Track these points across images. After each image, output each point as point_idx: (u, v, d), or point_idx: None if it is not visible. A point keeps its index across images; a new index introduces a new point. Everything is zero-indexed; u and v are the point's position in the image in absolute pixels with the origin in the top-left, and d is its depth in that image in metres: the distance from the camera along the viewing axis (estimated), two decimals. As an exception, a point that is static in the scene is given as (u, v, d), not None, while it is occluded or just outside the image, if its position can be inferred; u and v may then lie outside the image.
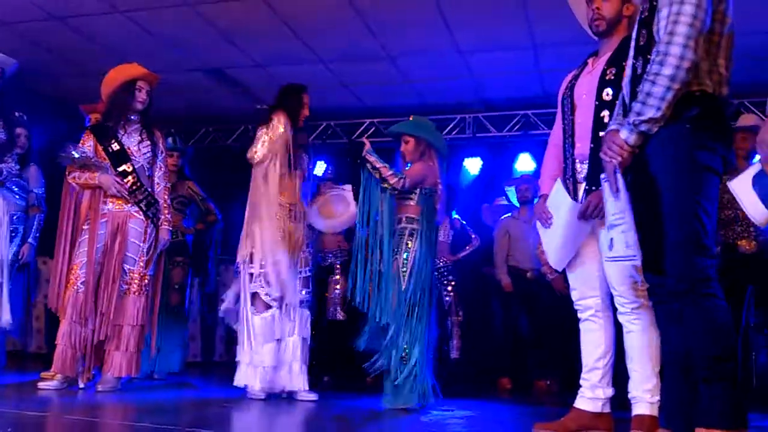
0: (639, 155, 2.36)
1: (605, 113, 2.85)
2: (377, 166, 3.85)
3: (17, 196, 4.68)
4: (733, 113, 5.47)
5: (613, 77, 2.87)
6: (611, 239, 2.60)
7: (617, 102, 2.66)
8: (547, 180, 3.20)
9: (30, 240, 4.86)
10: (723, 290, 2.24)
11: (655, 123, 2.26)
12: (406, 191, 3.92)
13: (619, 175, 2.44)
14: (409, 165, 4.06)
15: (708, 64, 2.27)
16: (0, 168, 3.87)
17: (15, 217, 4.64)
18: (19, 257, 4.75)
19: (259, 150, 4.02)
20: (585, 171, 2.94)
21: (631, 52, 2.47)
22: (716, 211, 2.30)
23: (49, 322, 6.54)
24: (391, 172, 3.85)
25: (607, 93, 2.87)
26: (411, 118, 4.25)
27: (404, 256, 3.85)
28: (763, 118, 2.53)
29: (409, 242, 3.87)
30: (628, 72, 2.49)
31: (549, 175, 3.20)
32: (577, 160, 3.00)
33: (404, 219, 3.93)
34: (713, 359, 2.16)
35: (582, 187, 2.96)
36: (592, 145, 2.88)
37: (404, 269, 3.82)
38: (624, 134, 2.33)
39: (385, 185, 3.85)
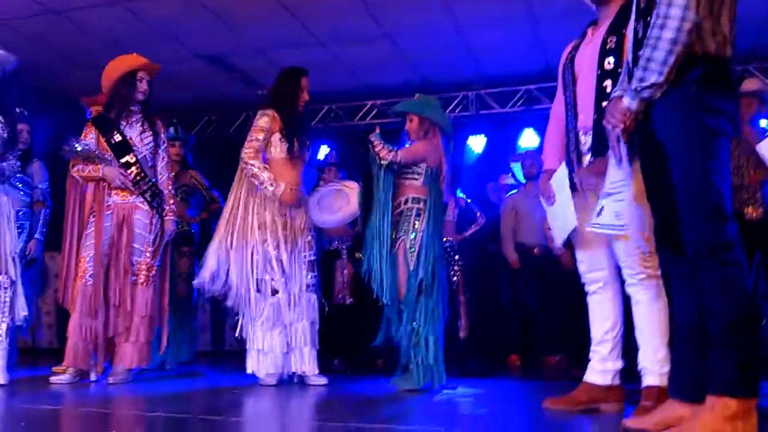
0: (645, 122, 2.32)
1: (607, 83, 2.81)
2: (374, 144, 3.85)
3: (21, 192, 4.69)
4: (738, 79, 5.42)
5: (614, 45, 2.83)
6: (602, 207, 2.59)
7: (621, 69, 2.62)
8: (550, 154, 3.18)
9: (37, 235, 4.88)
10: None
11: (657, 88, 2.22)
12: (408, 169, 3.91)
13: (622, 143, 2.41)
14: (412, 143, 4.05)
15: (711, 24, 2.19)
16: (2, 166, 3.86)
17: (20, 213, 4.65)
18: (27, 253, 4.77)
19: (245, 152, 4.04)
20: (589, 142, 2.91)
21: (633, 16, 2.41)
22: (729, 173, 2.23)
23: (59, 317, 6.59)
24: (383, 147, 3.84)
25: (609, 62, 2.83)
26: (416, 97, 4.22)
27: (411, 236, 3.83)
28: None
29: (417, 222, 3.85)
30: (630, 36, 2.44)
31: (552, 149, 3.18)
32: (580, 132, 2.96)
33: (410, 199, 3.91)
34: (728, 325, 2.12)
35: (587, 158, 2.93)
36: (595, 116, 2.85)
37: (412, 249, 3.81)
38: (626, 101, 2.29)
39: (380, 161, 3.83)
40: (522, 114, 7.07)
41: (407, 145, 4.04)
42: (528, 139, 6.99)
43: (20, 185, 4.67)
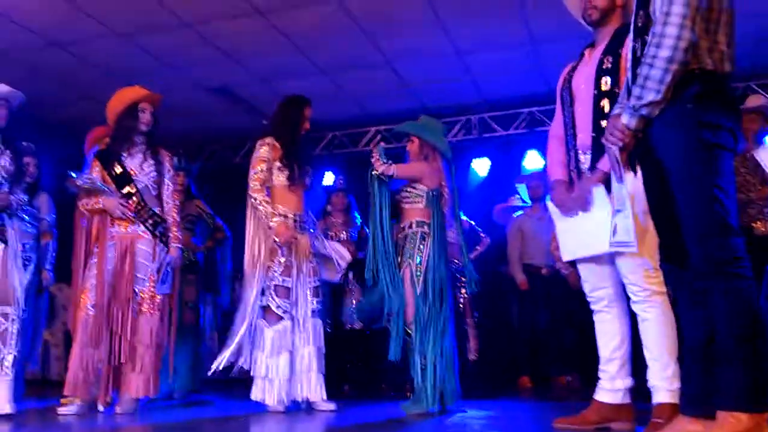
0: (645, 140, 2.32)
1: (605, 102, 2.83)
2: (373, 154, 3.91)
3: (28, 225, 4.71)
4: (740, 96, 5.43)
5: (610, 65, 2.86)
6: (615, 225, 2.59)
7: (618, 89, 2.64)
8: (556, 166, 3.16)
9: (47, 267, 4.91)
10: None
11: (655, 106, 2.22)
12: (408, 193, 3.95)
13: (621, 161, 2.42)
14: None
15: (708, 42, 2.21)
16: (10, 200, 3.89)
17: (27, 246, 4.67)
18: (43, 284, 4.83)
19: (251, 185, 4.08)
20: (589, 161, 2.92)
21: (631, 35, 2.43)
22: (734, 187, 2.23)
23: (68, 349, 6.58)
24: (379, 159, 3.88)
25: (605, 82, 2.85)
26: (420, 119, 4.25)
27: (417, 260, 3.84)
28: None
29: (422, 246, 3.86)
30: (628, 55, 2.46)
31: (557, 161, 3.16)
32: (580, 151, 2.97)
33: (415, 223, 3.93)
34: (737, 339, 2.11)
35: (587, 176, 2.94)
36: (593, 135, 2.87)
37: (419, 274, 3.82)
38: (625, 119, 2.30)
39: (371, 171, 3.88)
40: (526, 136, 7.08)
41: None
42: (532, 160, 7.00)
43: (27, 218, 4.70)
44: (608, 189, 2.73)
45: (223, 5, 5.06)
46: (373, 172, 3.88)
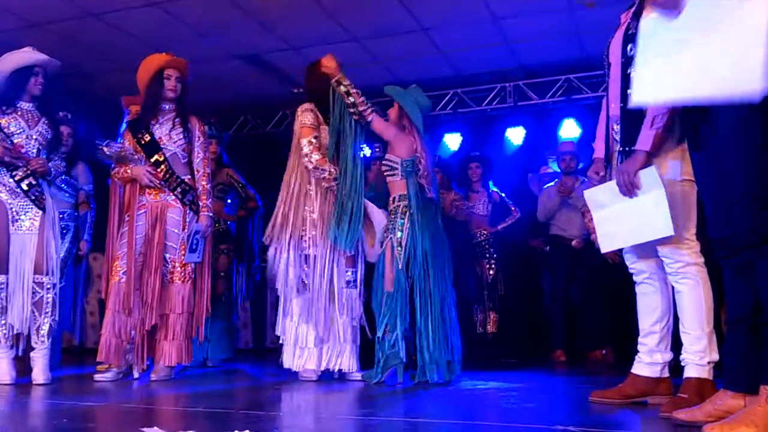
0: (700, 114, 2.25)
1: (631, 70, 2.71)
2: (351, 91, 3.94)
3: (66, 194, 4.75)
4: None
5: (634, 31, 2.72)
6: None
7: None
8: (597, 141, 3.11)
9: (86, 237, 4.96)
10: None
11: None
12: (386, 166, 4.00)
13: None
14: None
15: None
16: (48, 166, 3.91)
17: (65, 215, 4.71)
18: (79, 253, 4.88)
19: (312, 158, 4.00)
20: (619, 133, 2.84)
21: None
22: None
23: (103, 317, 6.69)
24: (362, 100, 3.94)
25: (630, 48, 2.72)
26: (410, 88, 4.23)
27: (398, 234, 3.88)
28: None
29: (402, 219, 3.90)
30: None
31: (599, 136, 3.11)
32: (612, 121, 2.91)
33: (397, 197, 3.98)
34: None
35: (617, 147, 2.88)
36: (621, 105, 2.78)
37: (399, 248, 3.85)
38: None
39: (353, 110, 3.94)
40: (562, 104, 6.94)
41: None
42: (569, 129, 6.86)
43: (65, 187, 4.74)
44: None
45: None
46: (353, 109, 3.94)
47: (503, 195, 6.19)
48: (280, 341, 4.08)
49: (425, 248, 3.83)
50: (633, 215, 2.74)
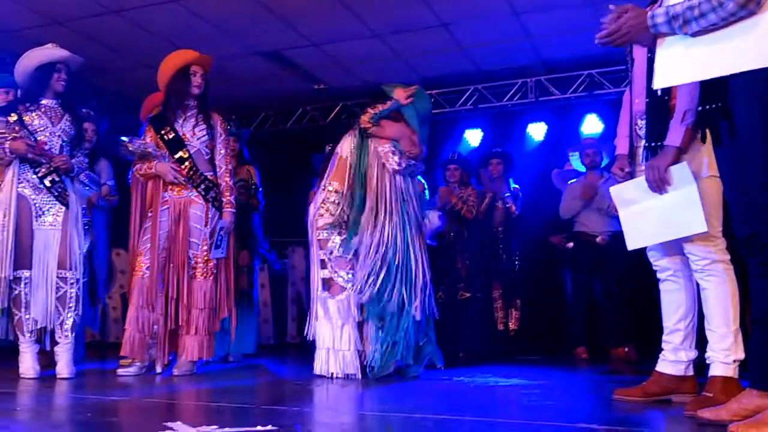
0: (723, 107, 2.19)
1: None
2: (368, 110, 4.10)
3: (89, 190, 4.79)
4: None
5: None
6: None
7: None
8: (619, 138, 3.07)
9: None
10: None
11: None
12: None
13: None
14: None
15: None
16: (71, 163, 3.95)
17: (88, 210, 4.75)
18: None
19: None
20: (644, 128, 2.80)
21: None
22: None
23: (125, 312, 6.74)
24: (369, 113, 4.06)
25: None
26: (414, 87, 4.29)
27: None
28: None
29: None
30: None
31: (621, 133, 3.07)
32: (636, 117, 2.87)
33: None
34: None
35: (642, 143, 2.85)
36: (647, 100, 2.73)
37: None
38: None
39: (363, 124, 4.06)
40: (584, 100, 6.88)
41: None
42: (591, 125, 6.80)
43: (88, 182, 4.78)
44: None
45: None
46: (362, 125, 4.05)
47: (520, 194, 6.18)
48: (313, 341, 4.01)
49: (406, 238, 3.94)
50: (663, 211, 2.70)
